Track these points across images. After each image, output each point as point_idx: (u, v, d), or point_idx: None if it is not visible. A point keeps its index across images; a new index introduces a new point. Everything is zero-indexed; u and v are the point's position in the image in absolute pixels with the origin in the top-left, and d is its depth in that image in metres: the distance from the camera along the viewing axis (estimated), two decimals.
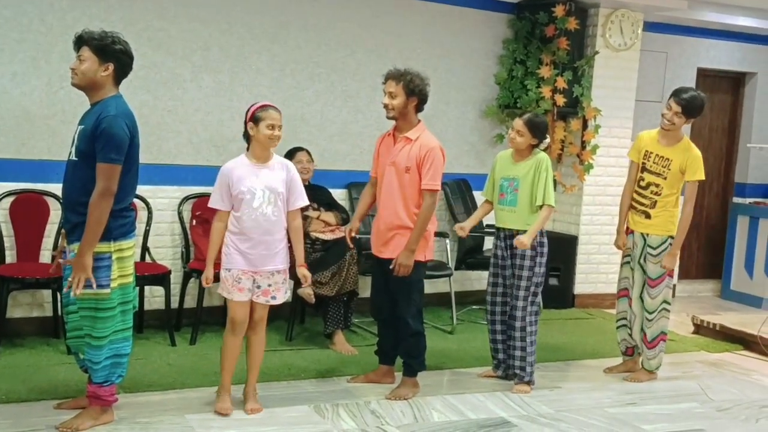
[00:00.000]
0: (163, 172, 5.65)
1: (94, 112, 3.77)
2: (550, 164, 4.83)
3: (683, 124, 5.08)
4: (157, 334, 5.48)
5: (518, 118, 4.88)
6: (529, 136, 4.80)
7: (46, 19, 5.26)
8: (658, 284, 5.12)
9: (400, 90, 4.44)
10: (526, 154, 4.86)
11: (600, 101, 6.90)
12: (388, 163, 4.56)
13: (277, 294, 4.23)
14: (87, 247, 3.68)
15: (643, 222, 5.14)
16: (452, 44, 6.73)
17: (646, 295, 5.15)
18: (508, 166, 4.91)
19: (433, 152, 4.46)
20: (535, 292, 4.90)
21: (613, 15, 6.89)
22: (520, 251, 4.80)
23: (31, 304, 5.37)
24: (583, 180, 7.00)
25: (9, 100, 5.22)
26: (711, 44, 7.97)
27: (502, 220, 4.91)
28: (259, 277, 4.19)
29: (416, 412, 4.47)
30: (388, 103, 4.49)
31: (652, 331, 5.17)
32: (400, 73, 4.47)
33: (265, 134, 4.13)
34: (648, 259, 5.12)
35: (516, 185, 4.83)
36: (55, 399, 4.22)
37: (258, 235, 4.14)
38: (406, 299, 4.59)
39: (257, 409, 4.25)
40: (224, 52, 5.85)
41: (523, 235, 4.72)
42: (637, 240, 5.18)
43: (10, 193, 5.25)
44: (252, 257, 4.16)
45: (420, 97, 4.50)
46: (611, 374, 5.35)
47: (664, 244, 5.09)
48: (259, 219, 4.13)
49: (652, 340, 5.18)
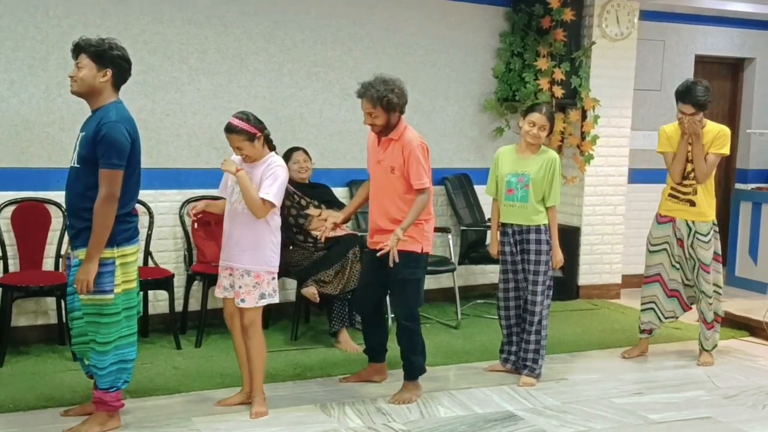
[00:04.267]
0: (163, 176, 5.66)
1: (95, 119, 3.78)
2: (560, 163, 4.89)
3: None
4: (162, 338, 5.48)
5: (537, 114, 4.78)
6: (549, 130, 4.83)
7: (41, 26, 5.27)
8: (711, 269, 5.26)
9: (379, 111, 4.37)
10: (535, 149, 4.85)
11: (598, 91, 6.88)
12: (374, 162, 4.55)
13: (246, 297, 4.19)
14: (94, 252, 3.71)
15: (689, 210, 5.24)
16: (449, 39, 6.73)
17: (703, 281, 5.26)
18: (515, 161, 4.87)
19: (414, 151, 4.39)
20: (550, 286, 4.90)
21: (609, 5, 6.87)
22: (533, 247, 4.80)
23: (35, 312, 5.38)
24: (584, 171, 6.99)
25: (7, 108, 5.23)
26: (708, 31, 7.94)
27: (510, 216, 4.88)
28: (234, 277, 4.22)
29: (422, 408, 4.47)
30: (371, 123, 4.43)
31: (710, 314, 5.32)
32: (376, 96, 4.32)
33: (236, 155, 4.26)
34: (698, 245, 5.22)
35: (527, 181, 4.80)
36: (61, 406, 4.23)
37: (229, 228, 4.22)
38: (399, 296, 4.54)
39: (261, 413, 4.25)
40: (221, 54, 5.85)
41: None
42: (680, 227, 5.25)
43: (11, 202, 5.26)
44: (225, 247, 4.24)
45: (400, 109, 4.44)
46: (630, 358, 5.45)
47: (711, 230, 5.23)
48: (233, 213, 4.21)
49: (710, 321, 5.34)
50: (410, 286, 4.51)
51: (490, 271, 6.88)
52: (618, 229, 7.21)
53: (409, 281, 4.49)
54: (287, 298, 5.98)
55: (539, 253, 4.82)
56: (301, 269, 5.53)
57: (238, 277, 4.20)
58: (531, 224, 4.81)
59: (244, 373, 4.37)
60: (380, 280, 4.57)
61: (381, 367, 4.85)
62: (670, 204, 5.30)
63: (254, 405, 4.28)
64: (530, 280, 4.86)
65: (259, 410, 4.26)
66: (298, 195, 5.65)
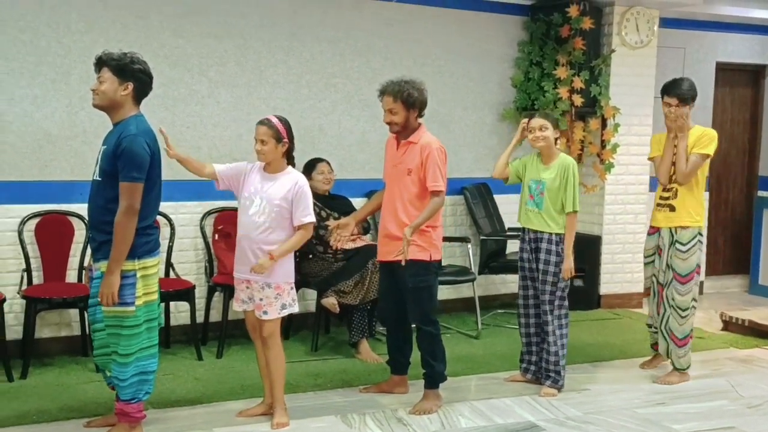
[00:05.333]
0: (184, 188, 5.69)
1: (116, 132, 3.82)
2: (576, 169, 4.86)
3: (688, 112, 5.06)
4: (184, 349, 5.51)
5: (535, 118, 4.87)
6: (552, 129, 4.83)
7: (63, 41, 5.33)
8: (689, 281, 5.06)
9: (399, 107, 4.43)
10: (553, 156, 4.86)
11: (618, 99, 6.86)
12: (392, 166, 4.57)
13: (268, 309, 4.21)
14: (115, 265, 3.74)
15: (669, 216, 5.09)
16: (467, 49, 6.73)
17: (676, 294, 5.08)
18: (537, 168, 4.91)
19: (432, 153, 4.43)
20: (563, 296, 4.88)
21: (629, 12, 6.85)
22: (543, 256, 4.79)
23: (59, 324, 5.43)
24: (605, 179, 6.96)
25: (31, 123, 5.29)
26: (729, 38, 7.89)
27: (528, 221, 4.91)
28: (253, 290, 4.23)
29: (443, 418, 4.46)
30: (390, 121, 4.48)
31: (683, 329, 5.10)
32: (396, 89, 4.43)
33: (255, 148, 4.23)
34: (675, 254, 5.06)
35: (542, 188, 4.82)
36: (84, 417, 4.26)
37: (248, 243, 4.19)
38: (415, 303, 4.54)
39: (283, 424, 4.25)
40: (240, 67, 5.90)
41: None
42: (664, 236, 5.14)
43: (34, 215, 5.31)
44: (241, 264, 4.21)
45: (420, 107, 4.50)
46: (648, 368, 5.37)
47: (694, 239, 5.04)
48: (250, 227, 4.18)
49: (683, 338, 5.12)
50: (423, 294, 4.53)
51: (510, 280, 6.85)
52: (639, 237, 7.15)
53: (421, 289, 4.51)
54: (307, 309, 6.00)
55: (548, 263, 4.81)
56: (320, 280, 5.54)
57: (257, 290, 4.21)
58: (545, 231, 4.81)
59: (266, 384, 4.38)
60: (397, 289, 4.59)
61: (402, 380, 4.85)
62: (656, 213, 5.19)
63: (275, 416, 4.29)
64: (540, 288, 4.87)
65: (280, 421, 4.26)
66: (319, 206, 5.67)
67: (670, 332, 5.14)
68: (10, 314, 5.17)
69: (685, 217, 5.06)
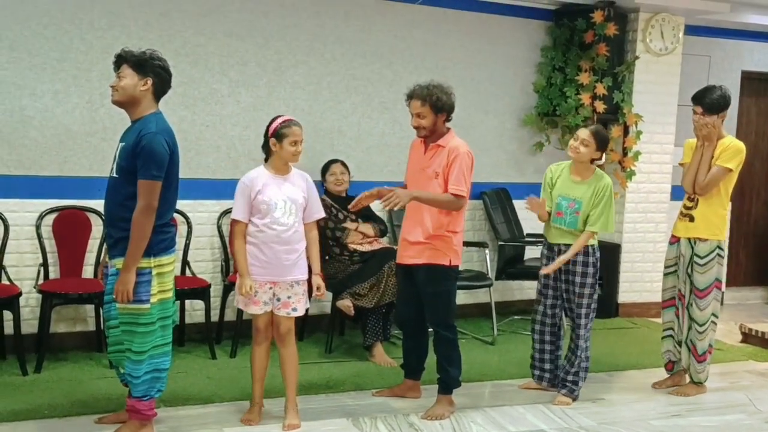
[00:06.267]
0: (202, 186, 5.70)
1: (135, 129, 3.82)
2: (612, 189, 4.76)
3: (719, 122, 4.94)
4: (198, 347, 5.52)
5: (584, 129, 4.79)
6: (594, 148, 4.70)
7: (86, 38, 5.35)
8: (707, 295, 4.97)
9: (427, 110, 4.40)
10: (587, 173, 4.76)
11: (641, 107, 6.80)
12: (417, 169, 4.53)
13: (297, 305, 4.23)
14: (131, 262, 3.74)
15: (688, 227, 5.00)
16: (490, 53, 6.70)
17: (695, 308, 5.00)
18: (568, 184, 4.79)
19: (459, 157, 4.40)
20: (595, 308, 4.83)
21: (654, 19, 6.79)
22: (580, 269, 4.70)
23: (74, 319, 5.45)
24: (626, 187, 6.90)
25: (51, 118, 5.32)
26: (754, 46, 7.81)
27: (556, 237, 4.81)
28: (279, 289, 4.20)
29: (455, 424, 4.42)
30: (417, 125, 4.45)
31: (702, 345, 5.01)
32: (425, 93, 4.40)
33: (289, 151, 4.17)
34: (695, 268, 4.98)
35: (578, 207, 4.71)
36: (96, 413, 4.27)
37: (279, 245, 4.15)
38: (433, 307, 4.52)
39: (295, 426, 4.24)
40: (261, 67, 5.89)
41: (551, 264, 4.73)
42: (683, 247, 5.07)
43: (53, 210, 5.34)
44: (272, 267, 4.16)
45: (448, 111, 4.47)
46: (660, 388, 5.21)
47: (713, 253, 4.94)
48: (280, 229, 4.15)
49: (702, 354, 5.03)
50: (441, 299, 4.50)
51: (527, 287, 6.81)
52: (659, 246, 7.08)
53: (439, 294, 4.48)
54: (322, 311, 5.99)
55: (585, 276, 4.74)
56: (336, 282, 5.52)
57: (285, 289, 4.20)
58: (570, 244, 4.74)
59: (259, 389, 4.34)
60: (415, 293, 4.56)
61: (415, 385, 4.82)
62: (677, 223, 5.10)
63: (287, 417, 4.28)
64: (575, 302, 4.78)
65: (292, 422, 4.25)
66: (336, 208, 5.66)
67: (692, 345, 5.05)
68: (26, 308, 5.20)
69: (703, 229, 4.97)
